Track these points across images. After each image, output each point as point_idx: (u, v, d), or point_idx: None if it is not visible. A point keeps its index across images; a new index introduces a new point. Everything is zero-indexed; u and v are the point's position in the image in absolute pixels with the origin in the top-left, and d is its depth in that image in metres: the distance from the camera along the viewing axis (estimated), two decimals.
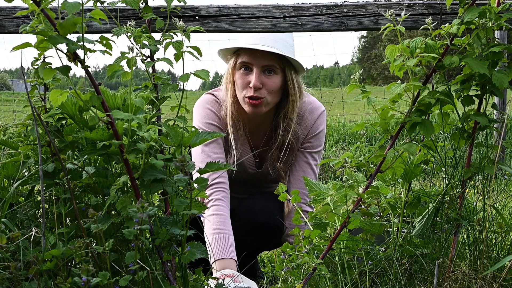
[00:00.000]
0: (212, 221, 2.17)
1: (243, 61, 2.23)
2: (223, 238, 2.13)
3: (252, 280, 2.06)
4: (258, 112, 2.25)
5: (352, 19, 1.87)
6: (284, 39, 2.24)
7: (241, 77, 2.25)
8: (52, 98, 1.54)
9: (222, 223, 2.17)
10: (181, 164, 1.44)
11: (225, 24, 1.83)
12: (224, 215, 2.19)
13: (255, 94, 2.21)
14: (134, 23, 1.56)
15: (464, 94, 1.83)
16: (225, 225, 2.17)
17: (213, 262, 2.07)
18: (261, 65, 2.21)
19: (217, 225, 2.16)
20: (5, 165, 1.73)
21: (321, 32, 1.92)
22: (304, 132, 2.39)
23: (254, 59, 2.21)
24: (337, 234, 1.80)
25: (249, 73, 2.23)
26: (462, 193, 1.83)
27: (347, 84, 1.83)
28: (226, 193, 2.25)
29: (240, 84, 2.25)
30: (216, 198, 2.21)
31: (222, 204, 2.21)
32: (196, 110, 2.37)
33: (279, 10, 1.86)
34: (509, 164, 4.62)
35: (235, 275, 1.99)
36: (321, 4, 1.87)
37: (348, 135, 7.83)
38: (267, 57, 2.20)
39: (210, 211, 2.20)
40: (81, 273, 1.38)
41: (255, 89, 2.21)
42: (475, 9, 1.69)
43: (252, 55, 2.21)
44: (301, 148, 2.41)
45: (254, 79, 2.20)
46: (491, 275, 1.73)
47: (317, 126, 2.40)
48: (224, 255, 2.09)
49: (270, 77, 2.23)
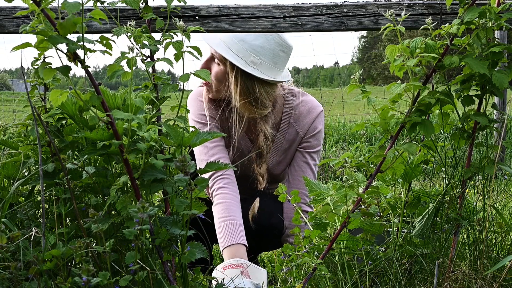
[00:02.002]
0: (217, 211, 2.16)
1: None
2: (228, 225, 2.10)
3: None
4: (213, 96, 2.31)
5: (352, 19, 1.87)
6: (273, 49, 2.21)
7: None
8: (52, 98, 1.54)
9: (225, 210, 2.15)
10: (181, 164, 1.44)
11: (225, 24, 1.83)
12: (228, 201, 2.17)
13: None
14: (134, 23, 1.56)
15: (464, 94, 1.83)
16: (229, 211, 2.15)
17: (221, 251, 2.04)
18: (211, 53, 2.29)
19: (221, 213, 2.15)
20: (5, 165, 1.73)
21: (321, 32, 1.91)
22: (301, 131, 2.39)
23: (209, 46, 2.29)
24: (337, 234, 1.80)
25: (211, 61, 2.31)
26: (462, 193, 1.83)
27: (347, 84, 1.83)
28: (229, 179, 2.23)
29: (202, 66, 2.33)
30: (218, 187, 2.21)
31: (225, 192, 2.20)
32: (189, 103, 2.39)
33: (279, 10, 1.85)
34: (509, 164, 4.62)
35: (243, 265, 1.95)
36: (321, 4, 1.87)
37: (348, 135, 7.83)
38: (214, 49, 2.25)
39: (214, 201, 2.19)
40: (81, 273, 1.38)
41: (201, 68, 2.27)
42: (475, 9, 1.69)
43: None
44: (300, 148, 2.41)
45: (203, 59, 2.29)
46: (491, 275, 1.73)
47: (315, 125, 2.40)
48: (231, 242, 2.06)
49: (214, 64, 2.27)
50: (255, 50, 2.18)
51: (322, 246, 1.84)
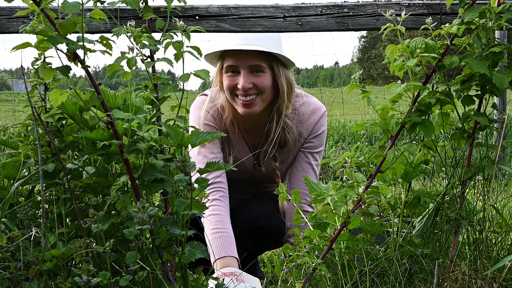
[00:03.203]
0: (210, 222, 2.17)
1: (229, 65, 2.21)
2: (222, 237, 2.12)
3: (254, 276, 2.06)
4: (252, 112, 2.24)
5: (352, 19, 1.87)
6: (268, 35, 2.22)
7: (229, 79, 2.22)
8: (52, 98, 1.54)
9: (219, 222, 2.16)
10: (181, 164, 1.44)
11: (225, 24, 1.83)
12: (222, 214, 2.19)
13: (246, 95, 2.20)
14: (134, 23, 1.56)
15: (464, 94, 1.83)
16: (223, 224, 2.16)
17: (213, 262, 2.07)
18: (247, 65, 2.19)
19: (214, 224, 2.15)
20: (5, 165, 1.73)
21: (321, 32, 1.91)
22: (305, 132, 2.39)
23: (240, 60, 2.18)
24: (337, 234, 1.80)
25: (236, 75, 2.21)
26: (462, 193, 1.83)
27: (347, 84, 1.83)
28: (224, 192, 2.25)
29: (229, 87, 2.23)
30: (213, 198, 2.21)
31: (220, 204, 2.21)
32: (191, 113, 2.37)
33: (279, 10, 1.86)
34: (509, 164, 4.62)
35: (236, 273, 1.98)
36: (321, 4, 1.87)
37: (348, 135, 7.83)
38: (253, 56, 2.18)
39: (208, 211, 2.19)
40: (82, 273, 1.38)
41: (244, 90, 2.19)
42: (475, 9, 1.69)
43: (237, 56, 2.18)
44: (303, 148, 2.41)
45: (242, 81, 2.18)
46: (491, 275, 1.73)
47: (319, 126, 2.40)
48: (224, 254, 2.09)
49: (259, 76, 2.20)
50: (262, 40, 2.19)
51: (322, 246, 1.84)
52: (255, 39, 2.18)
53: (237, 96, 2.23)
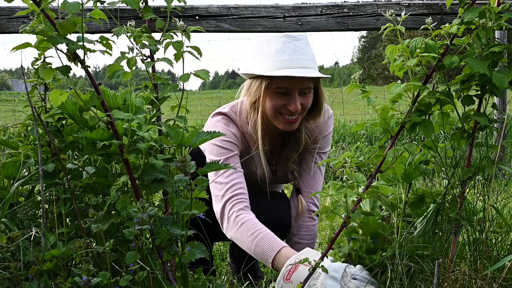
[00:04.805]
0: (246, 229, 2.10)
1: (281, 87, 2.19)
2: (266, 236, 2.05)
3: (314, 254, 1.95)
4: (293, 128, 2.27)
5: (352, 19, 1.87)
6: (309, 52, 2.22)
7: (277, 100, 2.20)
8: (52, 98, 1.54)
9: (256, 224, 2.10)
10: (181, 164, 1.44)
11: (225, 24, 1.83)
12: (252, 218, 2.13)
13: (293, 114, 2.21)
14: (134, 23, 1.56)
15: (464, 94, 1.83)
16: (259, 225, 2.10)
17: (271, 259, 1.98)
18: (299, 88, 2.19)
19: (252, 229, 2.09)
20: (5, 165, 1.73)
21: (321, 32, 1.91)
22: (316, 133, 2.41)
23: (294, 83, 2.17)
24: (337, 234, 1.80)
25: (287, 96, 2.20)
26: (462, 193, 1.82)
27: (347, 84, 1.83)
28: (247, 203, 2.19)
29: (276, 107, 2.21)
30: (239, 208, 2.15)
31: (247, 212, 2.16)
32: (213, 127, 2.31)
33: (279, 10, 1.85)
34: (509, 164, 4.62)
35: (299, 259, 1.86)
36: (321, 4, 1.87)
37: (348, 135, 7.83)
38: (306, 79, 2.18)
39: (238, 221, 2.12)
40: (82, 273, 1.38)
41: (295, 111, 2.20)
42: (475, 9, 1.69)
43: (292, 79, 2.17)
44: (311, 149, 2.44)
45: (294, 103, 2.18)
46: (491, 275, 1.73)
47: (328, 127, 2.45)
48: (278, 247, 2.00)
49: (306, 97, 2.22)
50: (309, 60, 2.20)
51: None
52: (306, 60, 2.18)
53: (280, 114, 2.23)
